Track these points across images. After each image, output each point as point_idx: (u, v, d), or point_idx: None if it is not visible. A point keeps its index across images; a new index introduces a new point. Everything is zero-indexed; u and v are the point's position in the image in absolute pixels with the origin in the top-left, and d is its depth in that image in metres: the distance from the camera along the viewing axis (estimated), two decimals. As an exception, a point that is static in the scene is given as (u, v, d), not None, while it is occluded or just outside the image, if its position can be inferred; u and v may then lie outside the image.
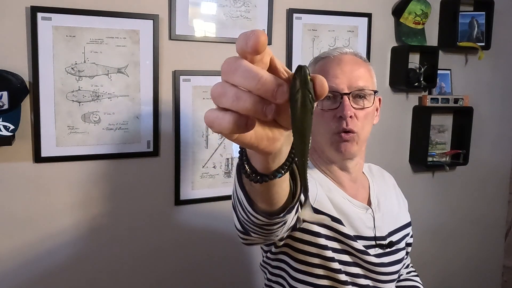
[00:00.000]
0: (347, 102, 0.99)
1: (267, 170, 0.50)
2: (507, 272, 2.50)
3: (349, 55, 1.06)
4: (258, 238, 0.75)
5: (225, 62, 0.42)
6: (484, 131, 2.30)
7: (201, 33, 1.68)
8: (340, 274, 1.01)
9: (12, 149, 1.47)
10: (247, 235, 0.76)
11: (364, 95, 1.03)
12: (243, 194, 0.64)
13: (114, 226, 1.64)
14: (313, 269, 1.01)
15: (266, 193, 0.58)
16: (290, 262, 1.04)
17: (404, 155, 2.13)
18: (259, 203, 0.63)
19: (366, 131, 1.05)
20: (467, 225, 2.35)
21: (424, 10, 1.99)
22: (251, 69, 0.39)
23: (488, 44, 2.17)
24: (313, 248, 1.00)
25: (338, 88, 1.00)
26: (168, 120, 1.68)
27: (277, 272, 1.09)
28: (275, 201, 0.61)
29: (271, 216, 0.65)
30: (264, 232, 0.72)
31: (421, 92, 2.13)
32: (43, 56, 1.48)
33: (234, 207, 0.75)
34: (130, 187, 1.65)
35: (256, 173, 0.52)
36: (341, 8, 1.90)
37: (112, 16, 1.55)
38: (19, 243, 1.53)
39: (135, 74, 1.60)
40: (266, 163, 0.49)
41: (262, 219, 0.66)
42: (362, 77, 1.03)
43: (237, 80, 0.40)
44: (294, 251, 1.02)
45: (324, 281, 1.02)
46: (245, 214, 0.69)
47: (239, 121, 0.39)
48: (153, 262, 1.72)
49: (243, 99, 0.39)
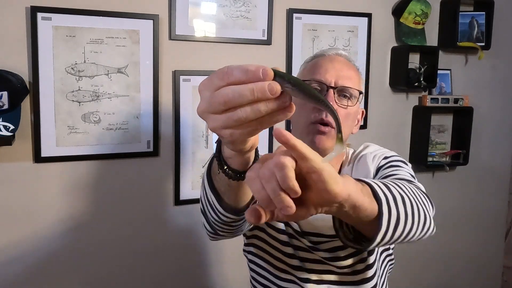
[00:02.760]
0: (332, 95, 1.01)
1: (243, 168, 0.63)
2: (507, 272, 2.50)
3: (343, 58, 1.09)
4: (225, 234, 0.88)
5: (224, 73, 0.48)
6: (484, 131, 2.30)
7: (201, 33, 1.68)
8: (300, 271, 1.04)
9: (12, 149, 1.47)
10: (216, 234, 0.89)
11: (349, 95, 1.03)
12: (215, 197, 0.75)
13: (114, 226, 1.64)
14: (276, 263, 1.06)
15: (240, 189, 0.70)
16: (259, 254, 1.09)
17: (404, 155, 2.13)
18: (230, 202, 0.74)
19: (345, 131, 1.05)
20: (467, 225, 2.35)
21: (424, 10, 1.99)
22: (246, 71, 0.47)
23: (488, 44, 2.17)
24: (276, 242, 1.05)
25: (326, 81, 1.02)
26: (168, 120, 1.68)
27: (252, 266, 1.14)
28: (244, 197, 0.73)
29: (238, 213, 0.76)
30: (231, 228, 0.84)
31: (421, 92, 2.13)
32: (43, 56, 1.48)
33: (203, 211, 0.85)
34: (130, 187, 1.65)
35: (237, 172, 0.63)
36: (341, 8, 1.90)
37: (112, 16, 1.55)
38: (19, 242, 1.53)
39: (135, 74, 1.60)
40: (243, 161, 0.61)
41: (231, 217, 0.77)
42: (351, 78, 1.04)
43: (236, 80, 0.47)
44: (262, 242, 1.08)
45: (287, 275, 1.06)
46: (215, 215, 0.79)
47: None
48: (153, 261, 1.72)
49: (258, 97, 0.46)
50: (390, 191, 0.69)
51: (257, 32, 1.76)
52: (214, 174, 0.73)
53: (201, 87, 0.50)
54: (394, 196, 0.69)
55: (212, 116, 0.49)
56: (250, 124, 0.48)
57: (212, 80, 0.48)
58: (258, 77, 0.46)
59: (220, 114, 0.48)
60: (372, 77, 2.00)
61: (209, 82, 0.49)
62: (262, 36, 1.77)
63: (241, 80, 0.46)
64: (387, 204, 0.66)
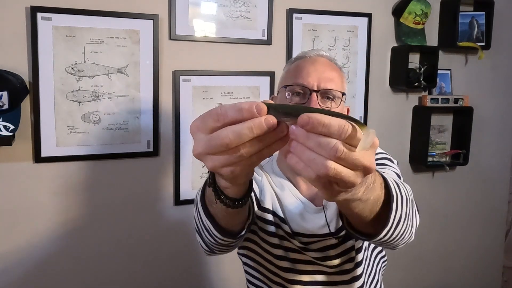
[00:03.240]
0: (315, 98, 1.01)
1: (241, 195, 0.64)
2: (507, 272, 2.50)
3: (324, 58, 1.09)
4: (222, 252, 0.91)
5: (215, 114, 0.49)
6: (484, 131, 2.30)
7: (201, 33, 1.68)
8: (289, 272, 1.05)
9: (12, 149, 1.47)
10: (212, 253, 0.91)
11: (333, 97, 1.04)
12: (211, 222, 0.75)
13: (113, 226, 1.64)
14: (268, 265, 1.07)
15: (238, 214, 0.71)
16: (251, 255, 1.11)
17: (404, 155, 2.13)
18: (227, 227, 0.76)
19: None
20: (467, 225, 2.35)
21: (424, 10, 1.99)
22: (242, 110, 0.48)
23: (488, 44, 2.17)
24: (266, 245, 1.06)
25: (308, 84, 1.02)
26: (168, 120, 1.68)
27: (245, 268, 1.15)
28: (241, 219, 0.75)
29: (235, 236, 0.79)
30: (229, 248, 0.87)
31: (421, 92, 2.13)
32: (43, 56, 1.48)
33: (199, 233, 0.86)
34: (130, 187, 1.65)
35: (235, 200, 0.64)
36: (341, 8, 1.90)
37: (112, 16, 1.55)
38: (19, 242, 1.53)
39: (135, 74, 1.60)
40: (242, 190, 0.63)
41: (229, 240, 0.79)
42: (333, 79, 1.04)
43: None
44: (254, 244, 1.09)
45: (277, 278, 1.07)
46: (212, 239, 0.81)
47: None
48: (153, 261, 1.72)
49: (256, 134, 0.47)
50: (399, 189, 0.72)
51: (257, 32, 1.76)
52: (210, 201, 0.72)
53: (194, 129, 0.49)
54: (401, 194, 0.72)
55: (210, 157, 0.49)
56: (250, 158, 0.49)
57: (206, 122, 0.48)
58: (253, 114, 0.46)
59: (220, 154, 0.48)
60: (372, 77, 2.00)
61: (203, 124, 0.48)
62: (262, 36, 1.77)
63: (237, 120, 0.47)
64: (396, 201, 0.70)
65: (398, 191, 0.71)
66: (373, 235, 0.71)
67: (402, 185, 0.77)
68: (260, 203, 1.05)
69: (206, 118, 0.48)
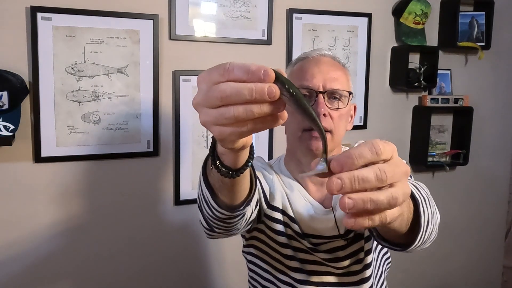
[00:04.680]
0: (322, 100, 1.00)
1: (238, 165, 0.63)
2: (507, 272, 2.50)
3: (327, 58, 1.07)
4: (221, 232, 0.87)
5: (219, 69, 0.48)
6: (484, 131, 2.30)
7: (201, 33, 1.68)
8: (298, 273, 1.04)
9: (12, 149, 1.47)
10: (212, 231, 0.88)
11: (339, 97, 1.03)
12: (209, 192, 0.74)
13: (113, 226, 1.64)
14: (275, 264, 1.06)
15: (234, 186, 0.70)
16: (259, 255, 1.09)
17: (404, 155, 2.13)
18: (224, 199, 0.74)
19: (340, 131, 1.05)
20: (467, 225, 2.35)
21: (424, 10, 1.99)
22: (246, 69, 0.47)
23: (488, 44, 2.17)
24: (275, 244, 1.05)
25: (314, 86, 1.01)
26: (168, 120, 1.68)
27: (251, 266, 1.14)
28: (238, 195, 0.73)
29: (233, 210, 0.76)
30: (226, 225, 0.83)
31: (421, 92, 2.13)
32: (43, 56, 1.48)
33: (200, 207, 0.84)
34: (130, 187, 1.65)
35: (229, 170, 0.63)
36: (341, 8, 1.90)
37: (112, 16, 1.55)
38: (19, 242, 1.53)
39: (135, 74, 1.60)
40: (236, 159, 0.61)
41: (226, 213, 0.77)
42: (338, 79, 1.03)
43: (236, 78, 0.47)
44: (261, 243, 1.08)
45: (285, 277, 1.06)
46: (210, 211, 0.79)
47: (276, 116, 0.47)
48: (153, 261, 1.72)
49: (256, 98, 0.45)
50: (419, 191, 0.74)
51: (257, 32, 1.76)
52: (209, 169, 0.72)
53: (199, 79, 0.49)
54: (423, 196, 0.74)
55: (205, 110, 0.48)
56: (240, 124, 0.47)
57: (211, 74, 0.48)
58: (259, 78, 0.45)
59: (213, 109, 0.47)
60: (372, 77, 2.00)
61: (208, 76, 0.48)
62: (262, 36, 1.77)
63: (241, 79, 0.46)
64: (422, 205, 0.72)
65: (420, 194, 0.73)
66: (409, 243, 0.73)
67: (418, 185, 0.77)
68: (269, 201, 1.04)
69: (212, 70, 0.48)
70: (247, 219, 0.88)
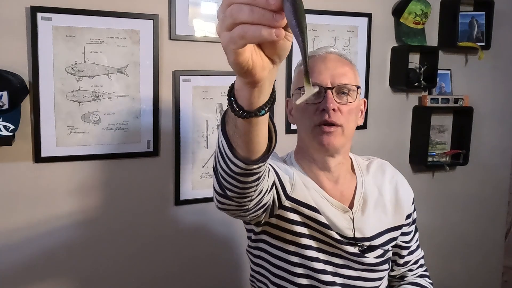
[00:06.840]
0: (330, 95, 1.01)
1: (252, 107, 0.60)
2: (507, 272, 2.50)
3: (334, 55, 1.09)
4: (233, 197, 0.81)
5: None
6: (484, 131, 2.30)
7: (201, 33, 1.68)
8: (316, 262, 1.04)
9: (12, 149, 1.47)
10: (224, 196, 0.83)
11: (348, 91, 1.04)
12: (226, 142, 0.71)
13: (113, 226, 1.64)
14: (289, 256, 1.05)
15: (249, 134, 0.66)
16: (268, 249, 1.08)
17: (404, 155, 2.13)
18: (240, 149, 0.70)
19: (351, 126, 1.06)
20: (467, 225, 2.35)
21: (424, 10, 1.99)
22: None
23: (488, 44, 2.17)
24: (288, 235, 1.04)
25: (322, 83, 1.02)
26: (168, 120, 1.68)
27: (258, 261, 1.13)
28: (254, 146, 0.69)
29: (248, 163, 0.72)
30: (240, 186, 0.78)
31: (421, 92, 2.13)
32: (43, 56, 1.48)
33: (215, 168, 0.81)
34: (130, 187, 1.65)
35: (243, 110, 0.60)
36: (341, 8, 1.90)
37: (112, 16, 1.55)
38: (19, 242, 1.53)
39: (135, 74, 1.60)
40: (252, 98, 0.58)
41: (241, 165, 0.72)
42: (346, 74, 1.05)
43: None
44: (271, 237, 1.07)
45: (300, 269, 1.05)
46: (225, 164, 0.75)
47: (267, 28, 0.48)
48: (153, 261, 1.72)
49: (256, 10, 0.47)
50: None
51: (257, 32, 1.76)
52: (227, 117, 0.70)
53: (218, 11, 0.52)
54: None
55: (224, 33, 0.50)
56: (244, 29, 0.48)
57: (224, 1, 0.50)
58: None
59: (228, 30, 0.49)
60: (372, 77, 2.00)
61: (223, 4, 0.50)
62: (262, 36, 1.77)
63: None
64: None
65: None
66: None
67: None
68: (288, 193, 1.04)
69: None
70: (262, 193, 0.86)
